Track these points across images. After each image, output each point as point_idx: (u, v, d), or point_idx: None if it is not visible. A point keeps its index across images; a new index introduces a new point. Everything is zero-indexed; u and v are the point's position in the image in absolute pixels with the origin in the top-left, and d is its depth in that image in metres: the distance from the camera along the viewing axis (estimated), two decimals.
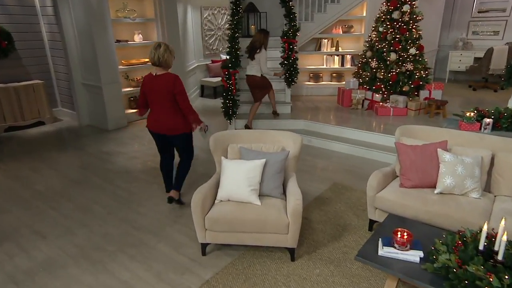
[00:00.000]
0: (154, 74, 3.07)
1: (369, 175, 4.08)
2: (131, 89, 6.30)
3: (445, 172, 2.72)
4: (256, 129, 3.27)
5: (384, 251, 2.06)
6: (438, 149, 2.84)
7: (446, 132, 3.07)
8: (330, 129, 5.16)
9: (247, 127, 5.30)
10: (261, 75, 5.10)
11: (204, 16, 7.96)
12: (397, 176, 3.14)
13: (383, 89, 5.66)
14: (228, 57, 5.27)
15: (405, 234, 2.05)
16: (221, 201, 2.78)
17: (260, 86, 5.19)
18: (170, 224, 3.26)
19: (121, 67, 6.04)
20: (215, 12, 8.23)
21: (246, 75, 5.13)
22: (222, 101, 5.22)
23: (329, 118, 5.49)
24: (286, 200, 2.77)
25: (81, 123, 6.23)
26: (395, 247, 2.06)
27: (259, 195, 2.74)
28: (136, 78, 6.35)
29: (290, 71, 5.61)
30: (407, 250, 2.03)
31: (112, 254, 2.85)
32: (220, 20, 8.41)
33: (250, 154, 2.91)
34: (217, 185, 2.89)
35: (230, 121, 5.35)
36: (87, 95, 6.07)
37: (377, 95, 5.74)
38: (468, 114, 4.11)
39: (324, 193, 3.79)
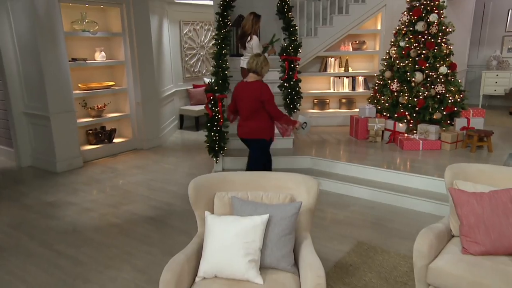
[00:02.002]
0: (245, 81, 3.82)
1: (404, 230, 3.65)
2: (90, 119, 5.92)
3: None
4: (253, 171, 2.76)
5: None
6: None
7: None
8: (345, 168, 4.84)
9: None
10: None
11: (184, 32, 7.85)
12: (454, 236, 2.60)
13: (408, 117, 5.40)
14: (213, 78, 5.00)
15: None
16: (205, 278, 2.24)
17: None
18: None
19: (77, 92, 5.70)
20: (197, 27, 8.13)
21: (241, 67, 5.25)
22: (206, 133, 4.89)
23: (342, 154, 5.24)
24: (299, 274, 2.22)
25: (21, 164, 5.73)
26: None
27: (260, 268, 2.23)
28: (97, 106, 5.97)
29: (291, 95, 5.33)
30: None
31: None
32: (203, 37, 8.30)
33: (246, 208, 2.42)
34: (198, 254, 2.35)
35: (217, 159, 4.99)
36: (30, 127, 5.61)
37: (400, 124, 5.49)
38: None
39: (346, 257, 3.23)
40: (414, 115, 5.33)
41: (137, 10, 6.09)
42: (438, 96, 5.23)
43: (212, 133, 4.85)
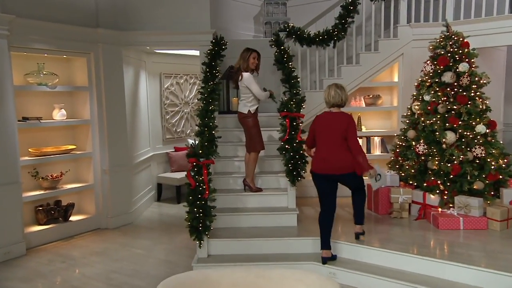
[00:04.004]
0: (330, 111, 4.27)
1: None
2: (41, 192, 5.53)
3: None
4: (249, 265, 2.28)
5: None
6: None
7: None
8: (365, 254, 4.50)
9: (247, 186, 5.35)
10: (248, 111, 5.19)
11: (165, 86, 7.77)
12: None
13: (441, 187, 5.11)
14: (197, 140, 4.86)
15: None
16: None
17: (247, 127, 5.25)
18: None
19: (26, 158, 5.38)
20: (181, 81, 8.04)
21: (238, 112, 5.37)
22: (188, 209, 4.57)
23: None
24: None
25: None
26: None
27: None
28: (51, 176, 5.63)
29: (295, 160, 5.03)
30: None
31: None
32: (188, 92, 8.21)
33: None
34: None
35: (201, 243, 4.60)
36: None
37: (432, 196, 5.20)
38: None
39: None
40: (449, 184, 5.05)
41: (108, 60, 5.96)
42: (477, 161, 4.98)
43: (195, 209, 4.53)
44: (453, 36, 5.27)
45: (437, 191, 5.11)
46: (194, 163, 4.58)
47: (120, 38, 6.03)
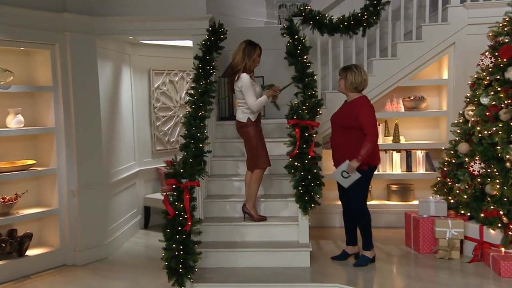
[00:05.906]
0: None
1: None
2: None
3: None
4: None
5: None
6: None
7: None
8: None
9: (247, 214, 5.26)
10: (248, 119, 5.11)
11: (156, 85, 7.57)
12: None
13: (504, 219, 4.85)
14: (181, 155, 4.78)
15: None
16: None
17: (247, 138, 5.19)
18: None
19: None
20: (176, 79, 7.86)
21: (236, 120, 5.37)
22: (165, 245, 4.48)
23: (394, 281, 4.82)
24: None
25: None
26: None
27: None
28: (3, 199, 5.43)
29: (306, 181, 4.84)
30: None
31: None
32: (184, 92, 8.04)
33: None
34: None
35: None
36: None
37: (491, 231, 4.95)
38: None
39: None
40: None
41: (78, 53, 5.73)
42: None
43: (174, 245, 4.41)
44: None
45: (499, 225, 4.88)
46: (174, 185, 4.45)
47: (94, 25, 5.81)
